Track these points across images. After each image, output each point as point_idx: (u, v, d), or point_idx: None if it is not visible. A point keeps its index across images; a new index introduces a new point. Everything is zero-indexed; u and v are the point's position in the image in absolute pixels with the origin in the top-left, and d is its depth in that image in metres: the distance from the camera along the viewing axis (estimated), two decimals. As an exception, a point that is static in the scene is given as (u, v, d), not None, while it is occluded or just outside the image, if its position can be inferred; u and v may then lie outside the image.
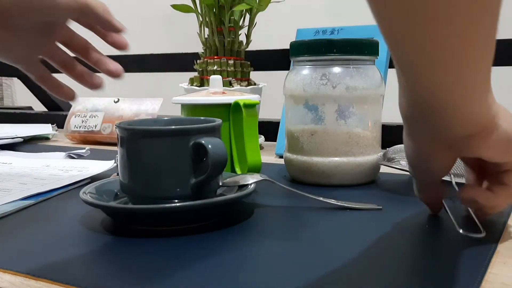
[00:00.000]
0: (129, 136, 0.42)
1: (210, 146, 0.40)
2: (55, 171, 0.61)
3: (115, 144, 0.44)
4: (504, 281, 0.31)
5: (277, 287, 0.30)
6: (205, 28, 0.87)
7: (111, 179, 0.49)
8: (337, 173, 0.54)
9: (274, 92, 0.83)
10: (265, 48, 1.01)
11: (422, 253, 0.36)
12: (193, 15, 0.88)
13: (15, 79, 1.93)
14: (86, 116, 0.94)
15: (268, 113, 0.93)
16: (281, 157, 0.66)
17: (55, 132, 1.00)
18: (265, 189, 0.50)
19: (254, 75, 0.90)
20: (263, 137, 0.84)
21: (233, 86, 0.83)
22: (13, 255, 0.36)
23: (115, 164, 0.59)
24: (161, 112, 0.89)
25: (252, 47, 0.89)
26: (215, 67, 0.85)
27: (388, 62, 0.72)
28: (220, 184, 0.44)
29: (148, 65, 1.22)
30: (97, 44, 0.52)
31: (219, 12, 0.84)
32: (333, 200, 0.46)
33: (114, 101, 0.94)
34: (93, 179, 0.56)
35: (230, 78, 0.84)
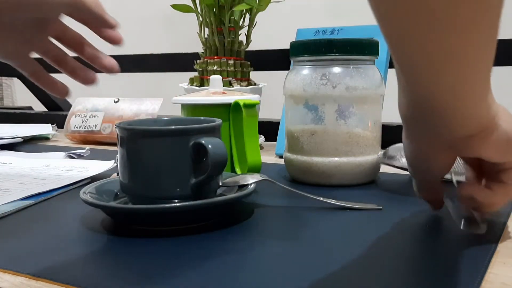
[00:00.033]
0: (129, 136, 0.42)
1: (210, 146, 0.40)
2: (55, 171, 0.61)
3: (115, 144, 0.44)
4: (504, 281, 0.31)
5: (277, 287, 0.30)
6: (205, 28, 0.87)
7: (111, 179, 0.49)
8: (337, 173, 0.54)
9: (274, 92, 0.83)
10: (265, 48, 1.01)
11: (422, 253, 0.36)
12: (193, 15, 0.88)
13: (15, 79, 1.93)
14: (86, 116, 0.94)
15: (268, 113, 0.93)
16: (281, 157, 0.66)
17: (55, 132, 1.00)
18: (265, 189, 0.50)
19: (254, 75, 0.90)
20: (263, 137, 0.84)
21: (233, 86, 0.83)
22: (13, 255, 0.36)
23: (115, 164, 0.59)
24: (161, 112, 0.89)
25: (252, 47, 0.89)
26: (215, 67, 0.85)
27: (388, 62, 0.72)
28: (220, 184, 0.44)
29: (148, 65, 1.22)
30: (97, 43, 0.52)
31: (219, 12, 0.84)
32: (333, 200, 0.46)
33: (114, 101, 0.94)
34: (93, 179, 0.56)
35: (230, 78, 0.84)
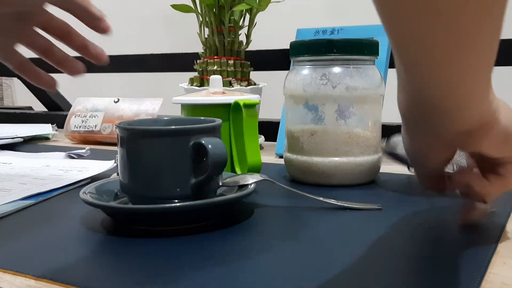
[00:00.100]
0: (129, 136, 0.42)
1: (210, 146, 0.40)
2: (55, 171, 0.61)
3: (115, 144, 0.44)
4: (504, 281, 0.31)
5: (277, 287, 0.30)
6: (205, 28, 0.87)
7: (111, 179, 0.49)
8: (337, 173, 0.54)
9: (274, 92, 0.83)
10: (265, 48, 1.01)
11: (422, 253, 0.36)
12: (193, 15, 0.88)
13: (15, 79, 1.93)
14: (86, 116, 0.94)
15: (268, 113, 0.93)
16: (281, 157, 0.66)
17: (55, 132, 1.00)
18: (265, 189, 0.50)
19: (254, 75, 0.90)
20: (263, 137, 0.84)
21: (233, 86, 0.83)
22: (13, 255, 0.36)
23: (115, 164, 0.59)
24: (161, 112, 0.89)
25: (252, 47, 0.89)
26: (215, 67, 0.85)
27: (388, 62, 0.72)
28: (220, 184, 0.44)
29: (148, 65, 1.22)
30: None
31: (219, 12, 0.84)
32: (333, 200, 0.46)
33: (114, 101, 0.94)
34: (93, 179, 0.56)
35: (230, 78, 0.84)
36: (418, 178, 0.42)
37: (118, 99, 0.94)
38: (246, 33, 0.88)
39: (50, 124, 1.05)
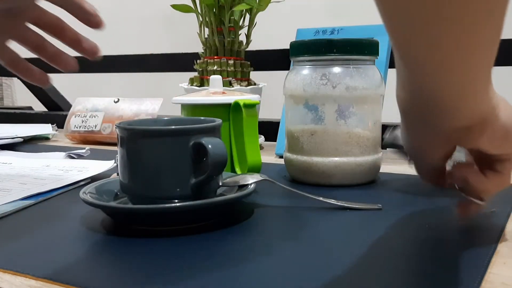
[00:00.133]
0: (129, 136, 0.42)
1: (210, 146, 0.40)
2: (55, 171, 0.61)
3: (115, 144, 0.44)
4: (504, 281, 0.31)
5: (277, 287, 0.30)
6: (205, 28, 0.87)
7: (111, 179, 0.49)
8: (337, 173, 0.54)
9: (274, 92, 0.84)
10: (265, 48, 1.01)
11: (422, 253, 0.36)
12: (193, 15, 0.88)
13: (15, 79, 1.93)
14: (86, 116, 0.94)
15: (268, 113, 0.93)
16: (281, 157, 0.66)
17: (55, 132, 1.00)
18: (265, 189, 0.50)
19: (254, 75, 0.90)
20: (263, 137, 0.84)
21: (233, 86, 0.83)
22: (13, 255, 0.36)
23: (115, 164, 0.59)
24: (161, 112, 0.89)
25: (252, 47, 0.89)
26: (215, 67, 0.85)
27: (388, 62, 0.72)
28: (220, 184, 0.44)
29: (148, 65, 1.22)
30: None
31: (219, 12, 0.84)
32: (333, 200, 0.46)
33: (114, 101, 0.94)
34: (93, 179, 0.56)
35: (230, 78, 0.84)
36: (418, 173, 0.42)
37: (118, 99, 0.94)
38: (246, 33, 0.88)
39: (50, 124, 1.05)
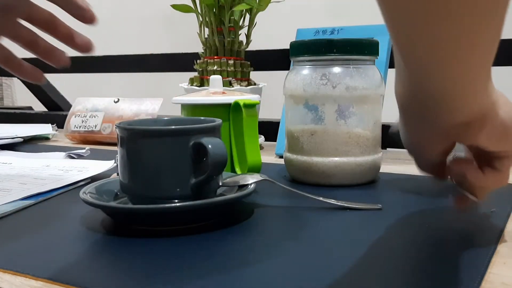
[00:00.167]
0: (129, 136, 0.42)
1: (210, 146, 0.40)
2: (55, 171, 0.61)
3: (115, 144, 0.44)
4: (504, 281, 0.31)
5: (277, 287, 0.30)
6: (205, 28, 0.87)
7: (111, 179, 0.49)
8: (337, 173, 0.54)
9: (274, 92, 0.84)
10: (265, 48, 1.01)
11: (422, 253, 0.36)
12: (193, 15, 0.88)
13: (15, 79, 1.93)
14: (86, 116, 0.94)
15: (268, 113, 0.93)
16: (281, 157, 0.66)
17: (55, 132, 1.00)
18: (265, 189, 0.50)
19: (254, 75, 0.90)
20: (263, 137, 0.84)
21: (233, 86, 0.83)
22: (13, 255, 0.36)
23: (115, 164, 0.59)
24: (161, 112, 0.89)
25: (252, 47, 0.89)
26: (215, 67, 0.85)
27: (388, 62, 0.72)
28: (220, 184, 0.44)
29: (148, 65, 1.22)
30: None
31: (219, 12, 0.84)
32: (333, 200, 0.46)
33: (114, 101, 0.94)
34: (93, 179, 0.56)
35: (230, 78, 0.84)
36: (418, 167, 0.41)
37: (118, 99, 0.94)
38: (246, 33, 0.88)
39: (50, 124, 1.05)
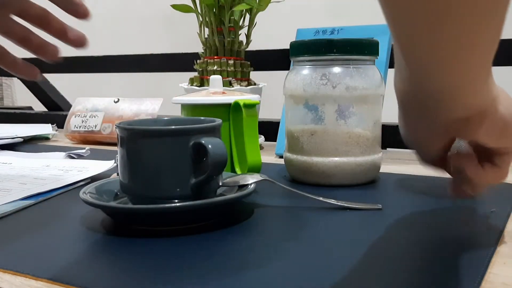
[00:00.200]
0: (129, 136, 0.42)
1: (210, 146, 0.40)
2: (55, 171, 0.61)
3: (115, 144, 0.44)
4: (505, 281, 0.31)
5: (277, 287, 0.30)
6: (205, 28, 0.87)
7: (111, 179, 0.49)
8: (337, 173, 0.54)
9: (274, 92, 0.84)
10: (265, 48, 1.01)
11: (422, 253, 0.36)
12: (193, 15, 0.88)
13: (15, 79, 1.93)
14: (86, 116, 0.94)
15: (268, 113, 0.93)
16: (281, 157, 0.66)
17: (55, 132, 1.00)
18: (265, 189, 0.50)
19: (254, 75, 0.90)
20: (263, 137, 0.84)
21: (233, 86, 0.83)
22: (13, 255, 0.36)
23: (115, 164, 0.59)
24: (161, 112, 0.89)
25: (252, 47, 0.89)
26: (215, 67, 0.85)
27: (388, 62, 0.72)
28: (220, 184, 0.44)
29: (148, 65, 1.22)
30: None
31: (219, 12, 0.84)
32: (333, 200, 0.46)
33: (114, 101, 0.94)
34: (93, 179, 0.56)
35: (230, 78, 0.84)
36: (419, 160, 0.41)
37: (118, 99, 0.94)
38: (246, 33, 0.88)
39: (50, 124, 1.05)
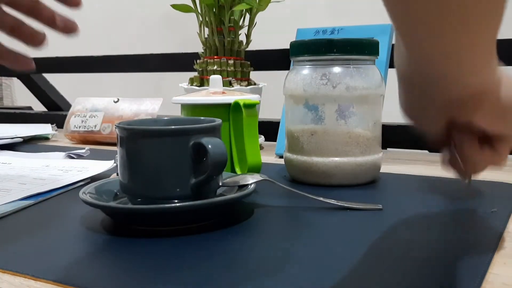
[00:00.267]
0: (129, 136, 0.42)
1: (210, 146, 0.40)
2: (55, 171, 0.61)
3: (115, 144, 0.44)
4: (505, 281, 0.31)
5: (277, 287, 0.30)
6: (205, 28, 0.87)
7: (111, 179, 0.49)
8: (337, 173, 0.54)
9: (274, 92, 0.83)
10: (265, 48, 1.01)
11: (422, 253, 0.36)
12: (193, 15, 0.88)
13: (15, 79, 1.93)
14: (86, 116, 0.94)
15: (268, 113, 0.93)
16: (281, 157, 0.66)
17: (55, 132, 1.00)
18: (265, 189, 0.50)
19: (254, 75, 0.90)
20: (263, 137, 0.84)
21: (233, 86, 0.83)
22: (12, 255, 0.36)
23: (115, 164, 0.59)
24: (161, 112, 0.89)
25: (252, 47, 0.89)
26: (215, 67, 0.85)
27: (388, 62, 0.72)
28: (220, 184, 0.44)
29: (148, 65, 1.22)
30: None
31: (219, 12, 0.84)
32: (333, 200, 0.46)
33: (114, 101, 0.94)
34: (93, 179, 0.56)
35: (230, 78, 0.84)
36: (421, 137, 0.40)
37: (118, 99, 0.94)
38: (246, 33, 0.88)
39: (50, 124, 1.05)
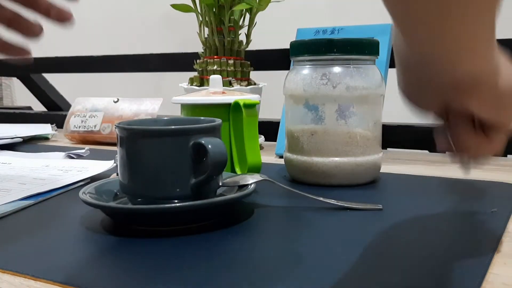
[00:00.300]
0: (129, 136, 0.42)
1: (210, 146, 0.40)
2: (55, 171, 0.61)
3: (115, 144, 0.44)
4: (505, 282, 0.31)
5: (277, 287, 0.30)
6: (205, 28, 0.87)
7: (111, 179, 0.49)
8: (337, 173, 0.54)
9: (274, 92, 0.83)
10: (265, 48, 1.01)
11: (422, 253, 0.36)
12: (193, 15, 0.88)
13: (15, 79, 1.93)
14: (86, 116, 0.94)
15: (268, 113, 0.93)
16: (281, 157, 0.66)
17: (55, 132, 1.00)
18: (265, 189, 0.50)
19: (254, 75, 0.90)
20: (263, 137, 0.84)
21: (233, 86, 0.83)
22: (12, 256, 0.36)
23: (115, 164, 0.59)
24: (161, 112, 0.89)
25: (252, 47, 0.89)
26: (215, 67, 0.85)
27: (388, 62, 0.72)
28: (220, 184, 0.44)
29: (148, 65, 1.22)
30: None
31: (219, 12, 0.84)
32: (333, 200, 0.46)
33: (114, 101, 0.94)
34: (93, 179, 0.56)
35: (230, 78, 0.84)
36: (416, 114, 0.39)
37: (118, 99, 0.94)
38: (246, 33, 0.88)
39: (50, 124, 1.05)
